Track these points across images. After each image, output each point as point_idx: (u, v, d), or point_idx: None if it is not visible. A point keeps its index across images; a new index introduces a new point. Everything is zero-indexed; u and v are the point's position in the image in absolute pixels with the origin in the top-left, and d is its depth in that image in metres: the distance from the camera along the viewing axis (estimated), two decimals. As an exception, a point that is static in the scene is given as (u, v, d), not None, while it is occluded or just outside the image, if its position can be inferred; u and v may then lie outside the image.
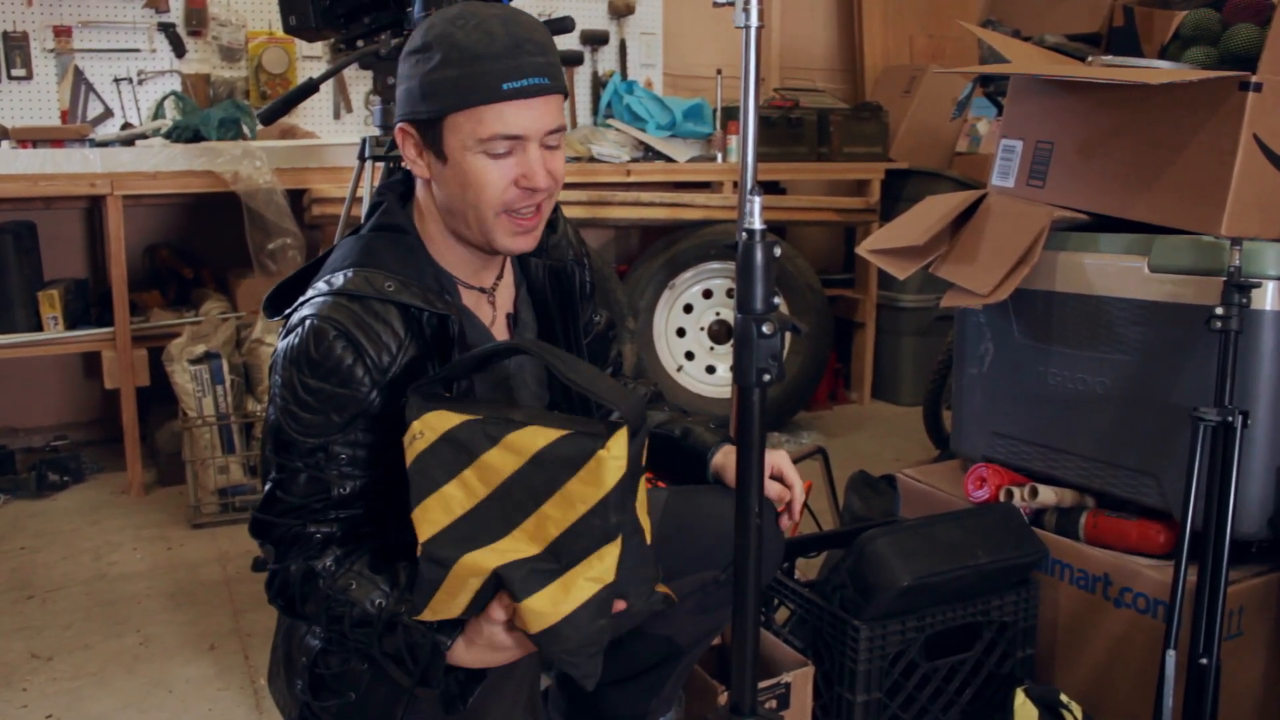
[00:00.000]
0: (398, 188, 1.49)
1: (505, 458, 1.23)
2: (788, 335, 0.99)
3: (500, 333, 1.52)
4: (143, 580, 2.75)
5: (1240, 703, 1.76)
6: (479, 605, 1.26)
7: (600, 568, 1.20)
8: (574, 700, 1.82)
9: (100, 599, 2.64)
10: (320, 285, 1.39)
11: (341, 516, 1.38)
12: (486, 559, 1.22)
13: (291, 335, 1.35)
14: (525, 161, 1.36)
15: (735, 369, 1.01)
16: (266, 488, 1.38)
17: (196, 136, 3.31)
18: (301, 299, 1.39)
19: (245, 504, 3.13)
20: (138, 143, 3.30)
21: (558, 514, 1.21)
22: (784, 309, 3.83)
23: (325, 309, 1.34)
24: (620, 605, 1.26)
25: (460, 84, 1.32)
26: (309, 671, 1.46)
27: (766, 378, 1.00)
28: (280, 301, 1.46)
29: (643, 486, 1.30)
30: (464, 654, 1.31)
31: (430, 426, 1.25)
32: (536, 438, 1.22)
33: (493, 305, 1.52)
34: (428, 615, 1.28)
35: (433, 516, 1.25)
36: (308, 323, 1.34)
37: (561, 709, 1.86)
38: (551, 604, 1.19)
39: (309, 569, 1.36)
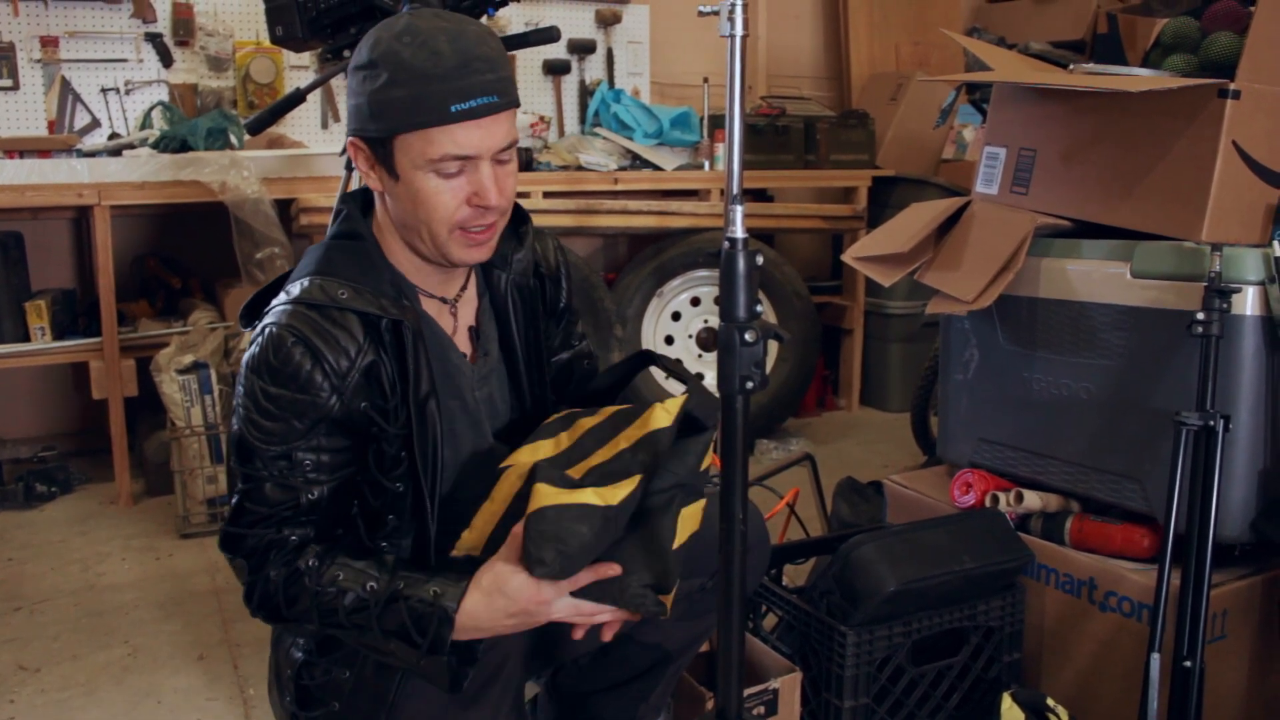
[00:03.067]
0: (359, 196, 1.50)
1: (593, 418, 1.44)
2: (773, 343, 1.01)
3: (463, 344, 1.53)
4: (131, 591, 2.75)
5: (1224, 705, 1.77)
6: (505, 527, 1.36)
7: (610, 493, 1.30)
8: (562, 707, 1.83)
9: (88, 610, 2.64)
10: (281, 295, 1.40)
11: (313, 520, 1.38)
12: (529, 456, 1.39)
13: (253, 345, 1.37)
14: (477, 180, 1.37)
15: (719, 376, 1.02)
16: (234, 500, 1.38)
17: (184, 146, 3.31)
18: (265, 309, 1.41)
19: (234, 514, 3.12)
20: (125, 153, 3.30)
21: (604, 452, 1.39)
22: (771, 316, 3.85)
23: (284, 317, 1.35)
24: (613, 570, 1.31)
25: (408, 105, 1.32)
26: (294, 684, 1.47)
27: (749, 385, 1.01)
28: (254, 312, 1.47)
29: (700, 507, 1.39)
30: (470, 608, 1.31)
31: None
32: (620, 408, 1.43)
33: (454, 316, 1.52)
34: (461, 547, 1.38)
35: (523, 458, 1.40)
36: (267, 331, 1.35)
37: (550, 717, 1.86)
38: (554, 494, 1.30)
39: (293, 571, 1.36)
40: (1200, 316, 1.66)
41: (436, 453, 1.42)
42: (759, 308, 1.01)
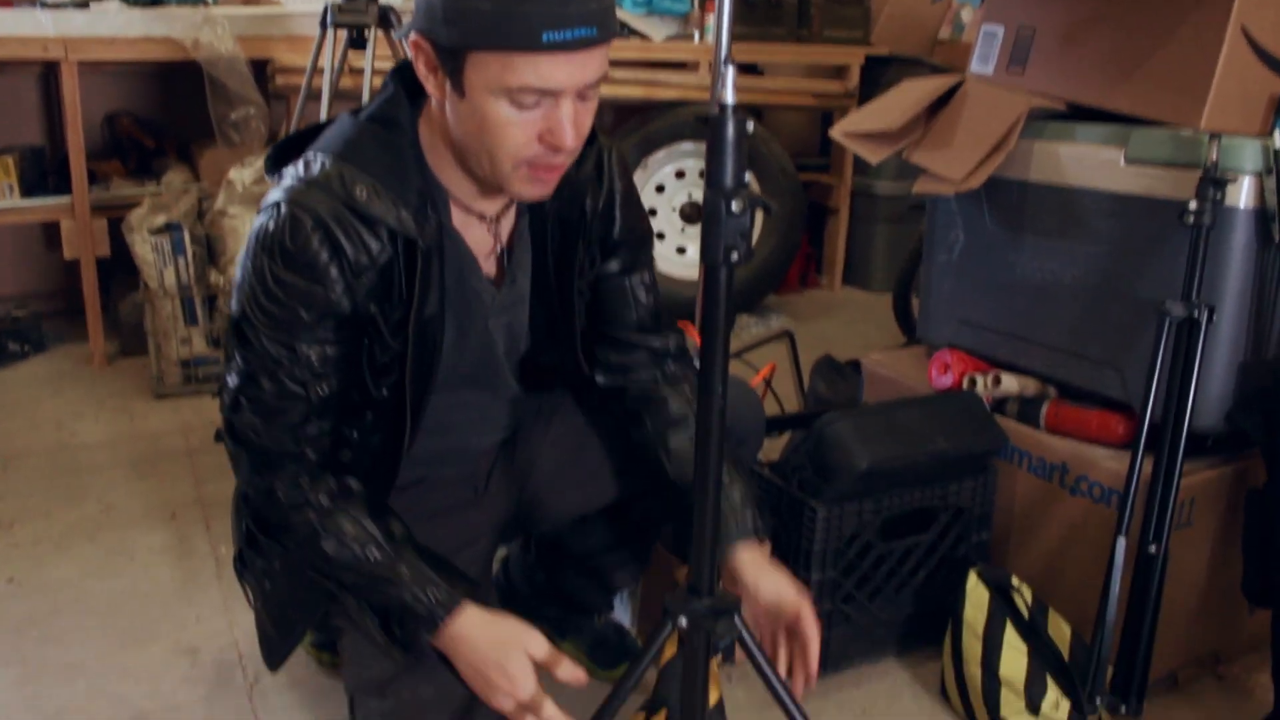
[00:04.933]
0: (409, 75, 1.30)
1: None
2: (758, 215, 0.98)
3: (489, 267, 1.42)
4: (104, 450, 2.74)
5: (1183, 591, 1.81)
6: None
7: None
8: (534, 574, 1.85)
9: (62, 468, 2.64)
10: (299, 167, 1.28)
11: (323, 431, 1.32)
12: None
13: (266, 218, 1.26)
14: (555, 117, 1.20)
15: (703, 247, 0.99)
16: (234, 384, 1.30)
17: (154, 0, 3.18)
18: (284, 170, 1.30)
19: (208, 375, 3.11)
20: (92, 5, 3.17)
21: None
22: (757, 192, 3.79)
23: (303, 197, 1.24)
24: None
25: (493, 20, 1.13)
26: (249, 519, 1.46)
27: (734, 256, 0.98)
28: (282, 160, 1.34)
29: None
30: (457, 631, 1.29)
31: None
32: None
33: (493, 235, 1.40)
34: None
35: None
36: (284, 209, 1.24)
37: (521, 582, 1.88)
38: None
39: (302, 502, 1.31)
40: (1193, 205, 1.63)
41: (429, 374, 1.36)
42: (746, 178, 0.98)
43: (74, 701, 1.76)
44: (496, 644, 1.30)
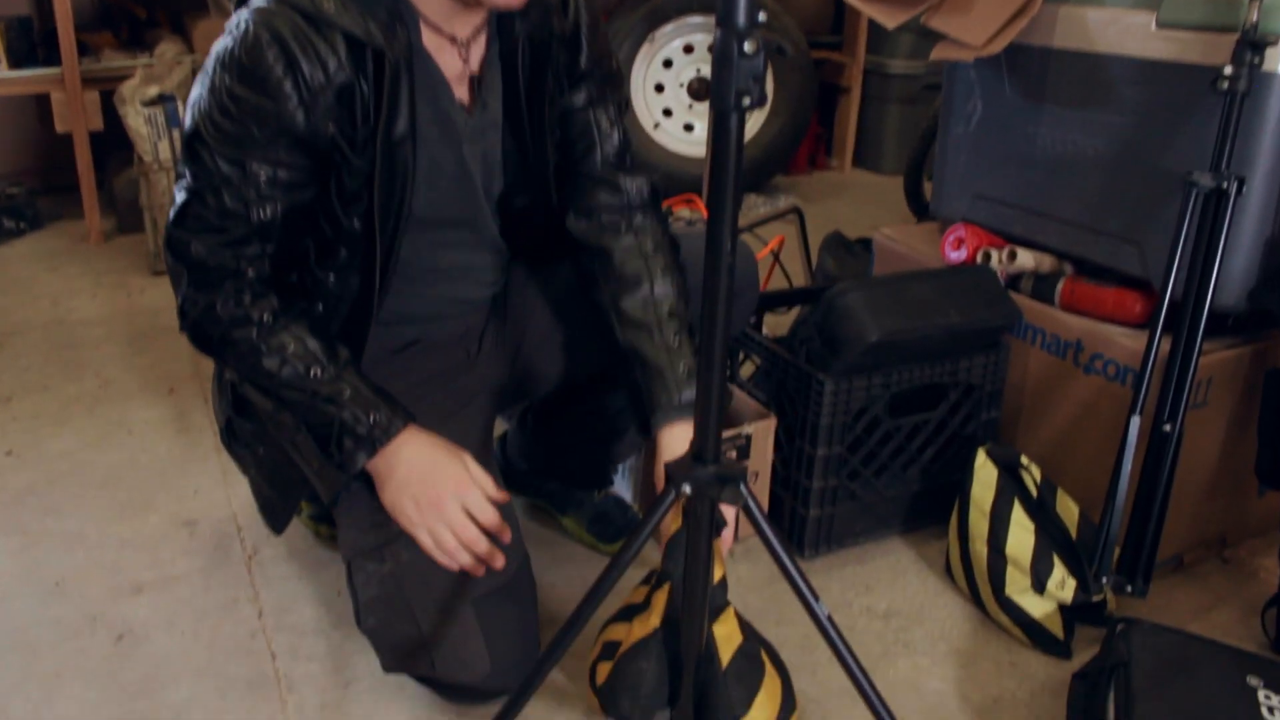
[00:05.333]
0: None
1: None
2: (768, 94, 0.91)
3: (461, 91, 1.39)
4: (102, 326, 2.71)
5: (1195, 471, 1.78)
6: None
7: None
8: (534, 444, 1.83)
9: (59, 343, 2.60)
10: None
11: (265, 252, 1.31)
12: None
13: (227, 37, 1.24)
14: None
15: (712, 91, 0.93)
16: (180, 200, 1.29)
17: None
18: None
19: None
20: None
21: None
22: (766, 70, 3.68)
23: (266, 15, 1.22)
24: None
25: None
26: (233, 388, 1.44)
27: (746, 101, 0.91)
28: None
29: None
30: (398, 450, 1.30)
31: None
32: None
33: (463, 59, 1.37)
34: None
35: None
36: (244, 25, 1.22)
37: (522, 454, 1.87)
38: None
39: (243, 315, 1.30)
40: (1228, 71, 1.55)
41: (402, 199, 1.32)
42: (761, 15, 0.91)
43: (73, 571, 1.75)
44: (445, 449, 1.32)
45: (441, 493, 1.29)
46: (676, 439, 1.41)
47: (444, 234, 1.44)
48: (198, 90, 1.26)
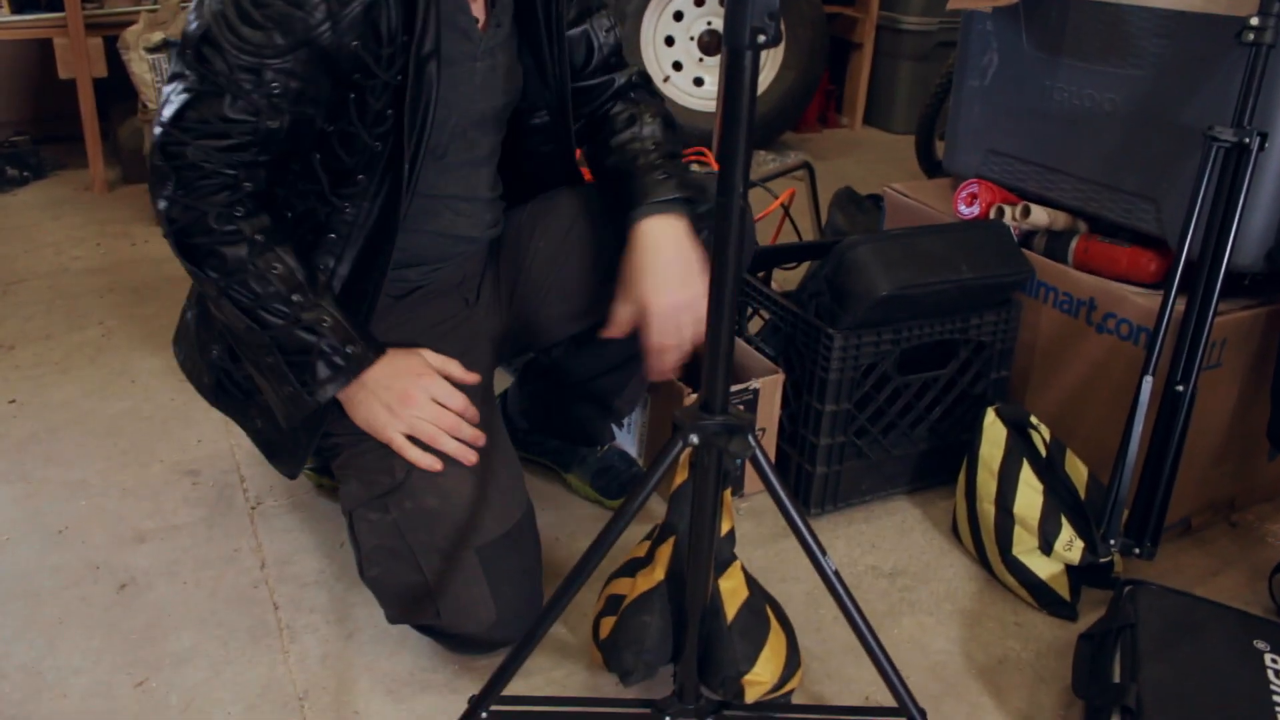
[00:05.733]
0: None
1: None
2: (776, 53, 0.88)
3: (477, 9, 1.39)
4: (105, 275, 2.69)
5: (1207, 433, 1.76)
6: None
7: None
8: (536, 398, 1.81)
9: (62, 292, 2.59)
10: None
11: (261, 164, 1.28)
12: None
13: None
14: None
15: (725, 28, 0.90)
16: (180, 100, 1.24)
17: None
18: None
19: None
20: None
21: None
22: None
23: None
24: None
25: None
26: (225, 337, 1.41)
27: (761, 38, 0.89)
28: None
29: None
30: (368, 377, 1.31)
31: None
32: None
33: None
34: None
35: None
36: None
37: (524, 408, 1.85)
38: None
39: (235, 231, 1.26)
40: (1254, 22, 1.51)
41: (427, 116, 1.31)
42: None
43: (76, 519, 1.74)
44: (401, 352, 1.36)
45: (407, 386, 1.32)
46: (655, 229, 1.42)
47: (448, 158, 1.43)
48: None
